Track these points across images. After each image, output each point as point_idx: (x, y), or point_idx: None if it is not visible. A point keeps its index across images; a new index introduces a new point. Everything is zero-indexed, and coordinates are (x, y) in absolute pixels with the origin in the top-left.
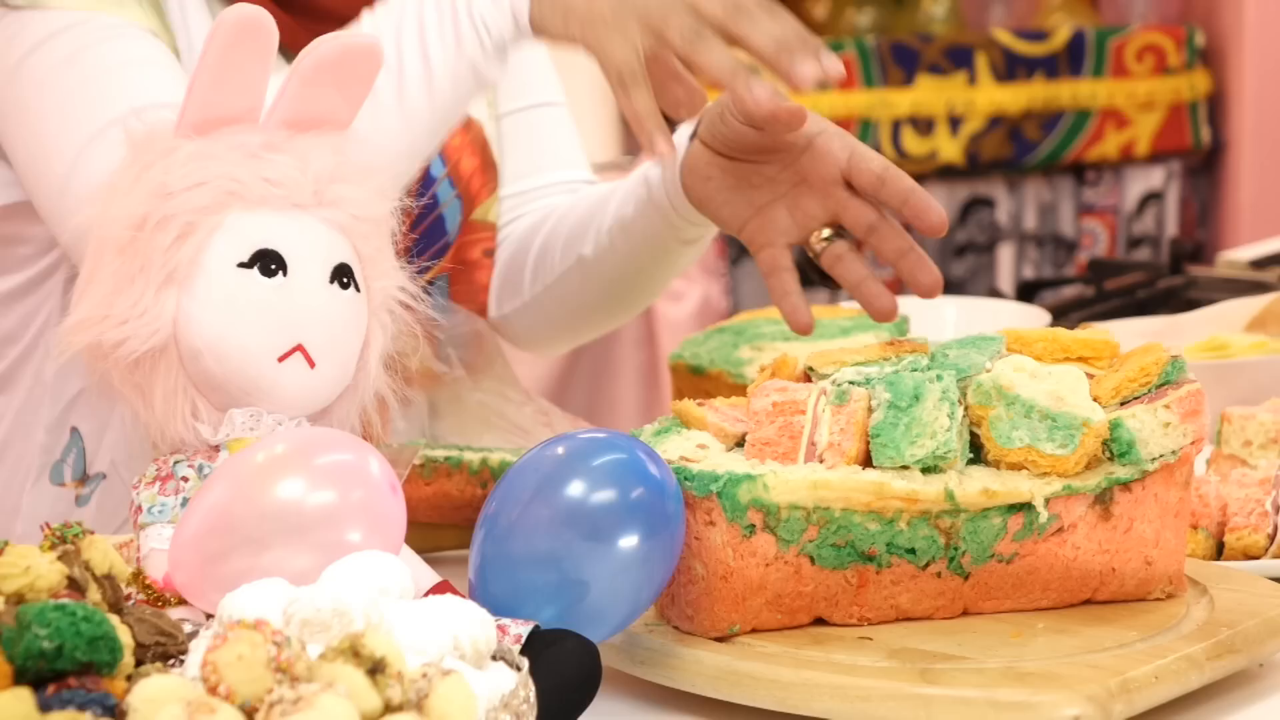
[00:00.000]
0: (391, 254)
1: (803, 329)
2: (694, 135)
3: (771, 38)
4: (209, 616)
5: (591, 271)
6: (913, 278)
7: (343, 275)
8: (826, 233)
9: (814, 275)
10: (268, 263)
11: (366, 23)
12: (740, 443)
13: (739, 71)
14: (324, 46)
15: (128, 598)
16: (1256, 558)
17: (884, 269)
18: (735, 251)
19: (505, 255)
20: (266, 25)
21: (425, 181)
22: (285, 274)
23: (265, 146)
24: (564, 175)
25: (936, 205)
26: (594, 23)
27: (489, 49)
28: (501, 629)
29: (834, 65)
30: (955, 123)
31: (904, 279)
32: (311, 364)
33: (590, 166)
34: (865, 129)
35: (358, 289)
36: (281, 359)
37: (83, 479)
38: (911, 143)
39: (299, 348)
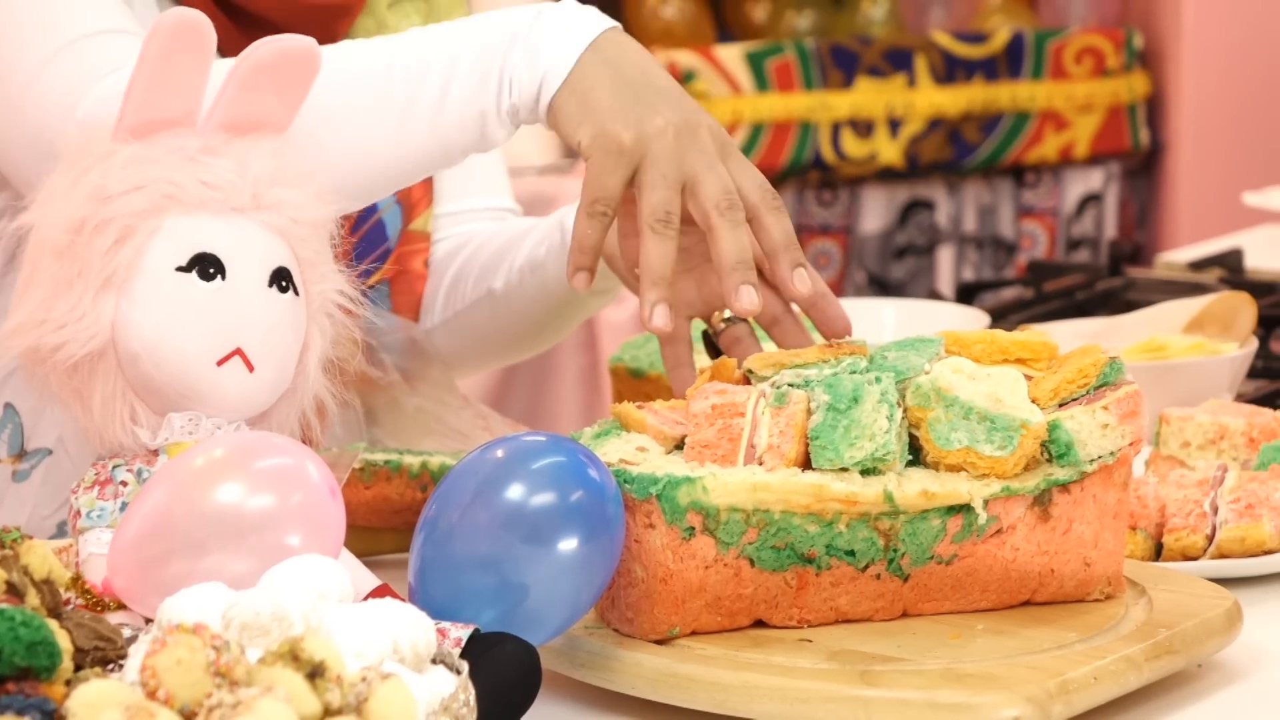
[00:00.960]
0: (330, 258)
1: (681, 398)
2: None
3: (784, 236)
4: (148, 621)
5: (499, 306)
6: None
7: (281, 279)
8: (728, 314)
9: (709, 350)
10: (206, 266)
11: (411, 33)
12: (680, 445)
13: (742, 270)
14: (261, 50)
15: (66, 602)
16: (1195, 559)
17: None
18: None
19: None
20: (204, 28)
21: None
22: (224, 277)
23: (203, 150)
24: (488, 202)
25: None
26: (604, 144)
27: (504, 109)
28: (441, 632)
29: (815, 281)
30: (895, 125)
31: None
32: (250, 368)
33: (535, 169)
34: (805, 132)
35: (296, 292)
36: (220, 363)
37: (20, 454)
38: (851, 145)
39: (238, 351)
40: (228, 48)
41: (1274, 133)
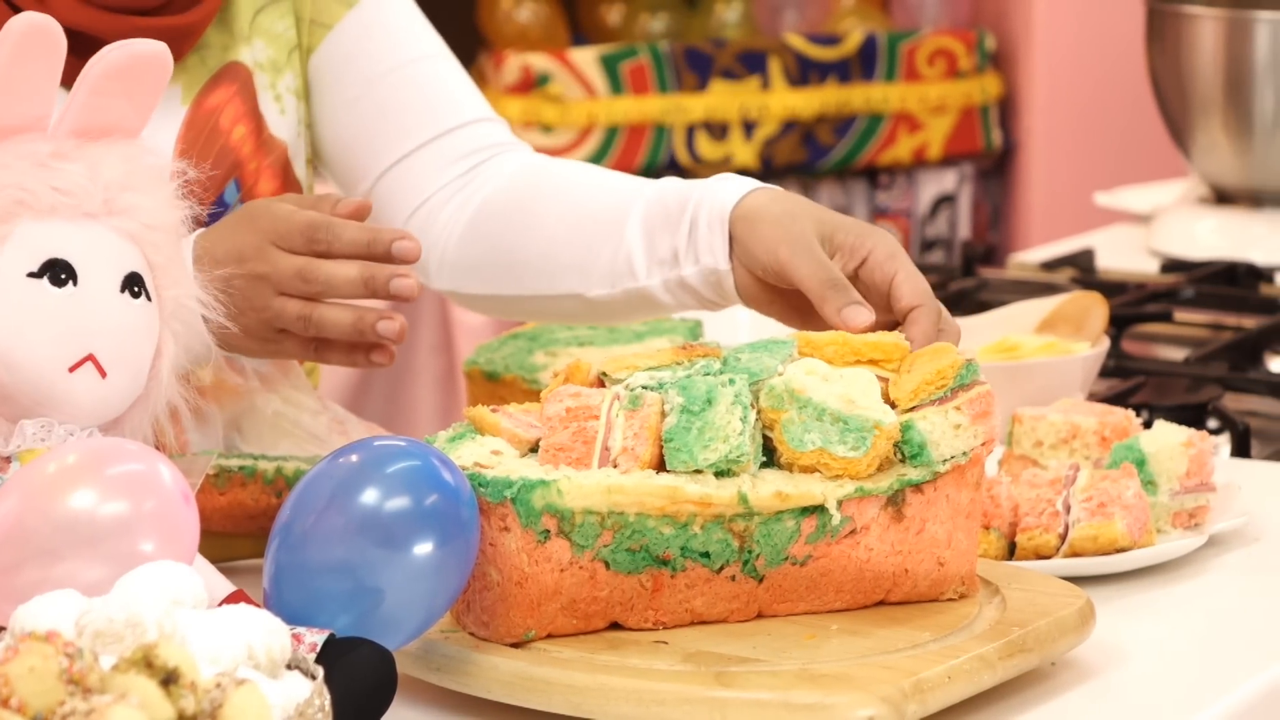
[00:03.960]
0: (183, 263)
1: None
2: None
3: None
4: (1, 629)
5: (588, 307)
6: None
7: (134, 284)
8: None
9: None
10: (58, 272)
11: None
12: (535, 448)
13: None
14: (112, 55)
15: None
16: (1048, 557)
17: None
18: None
19: (459, 219)
20: (55, 33)
21: (219, 205)
22: (75, 283)
23: (54, 155)
24: (468, 116)
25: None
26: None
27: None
28: (296, 638)
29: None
30: (749, 127)
31: None
32: (103, 374)
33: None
34: (660, 134)
35: (149, 298)
36: (72, 369)
37: None
38: (706, 147)
39: (90, 357)
40: (68, 76)
41: (1124, 133)
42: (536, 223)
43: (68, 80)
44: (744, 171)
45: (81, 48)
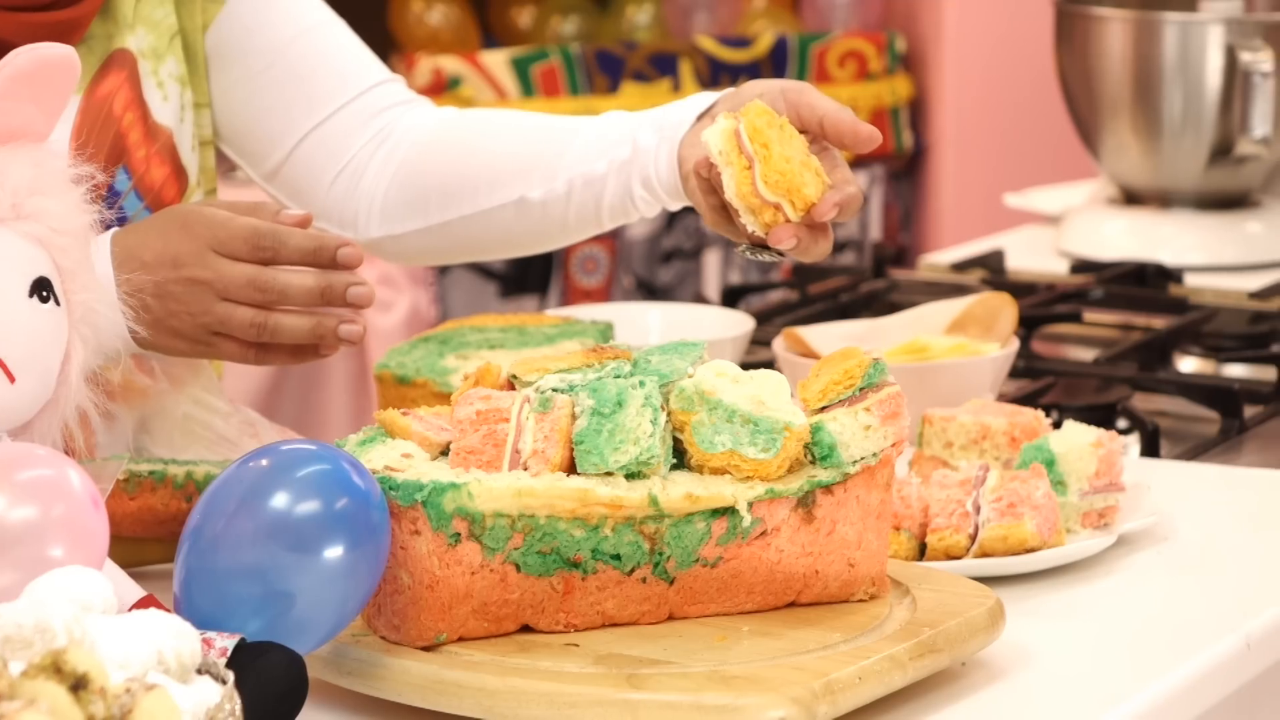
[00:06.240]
0: (92, 267)
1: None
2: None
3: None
4: None
5: (533, 213)
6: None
7: (42, 289)
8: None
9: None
10: None
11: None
12: (445, 451)
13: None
14: (20, 59)
15: None
16: (958, 558)
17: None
18: None
19: (386, 170)
20: None
21: (111, 194)
22: None
23: None
24: (374, 78)
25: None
26: None
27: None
28: (207, 642)
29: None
30: None
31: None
32: (11, 378)
33: None
34: None
35: (58, 302)
36: None
37: None
38: None
39: None
40: None
41: (1034, 135)
42: (481, 143)
43: None
44: None
45: None
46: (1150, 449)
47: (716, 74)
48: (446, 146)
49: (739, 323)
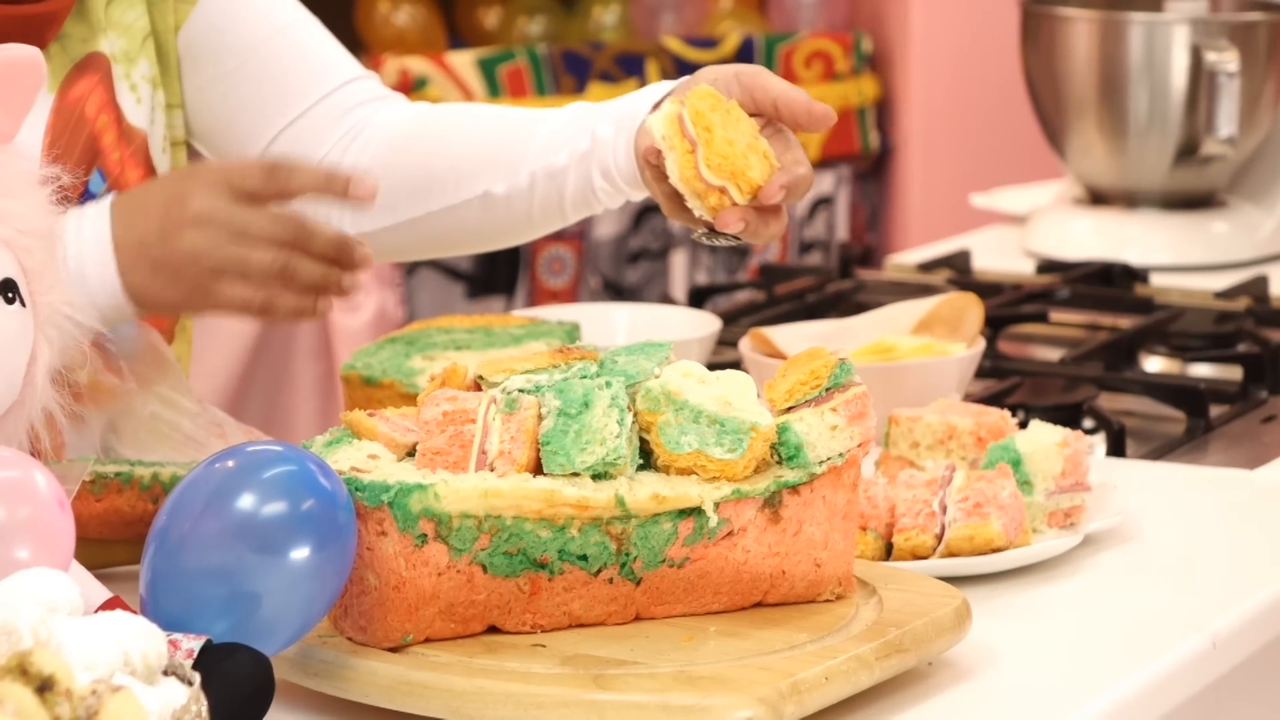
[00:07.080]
0: (58, 268)
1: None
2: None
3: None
4: None
5: (497, 208)
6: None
7: (7, 290)
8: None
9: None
10: None
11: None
12: (411, 453)
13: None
14: None
15: None
16: (924, 558)
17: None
18: (410, 261)
19: (358, 167)
20: None
21: (86, 196)
22: None
23: None
24: (347, 74)
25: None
26: None
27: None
28: (173, 644)
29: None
30: None
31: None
32: None
33: None
34: None
35: (23, 304)
36: None
37: None
38: None
39: None
40: None
41: (1000, 135)
42: (448, 138)
43: None
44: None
45: None
46: (1116, 449)
47: (683, 74)
48: (414, 142)
49: (706, 323)
